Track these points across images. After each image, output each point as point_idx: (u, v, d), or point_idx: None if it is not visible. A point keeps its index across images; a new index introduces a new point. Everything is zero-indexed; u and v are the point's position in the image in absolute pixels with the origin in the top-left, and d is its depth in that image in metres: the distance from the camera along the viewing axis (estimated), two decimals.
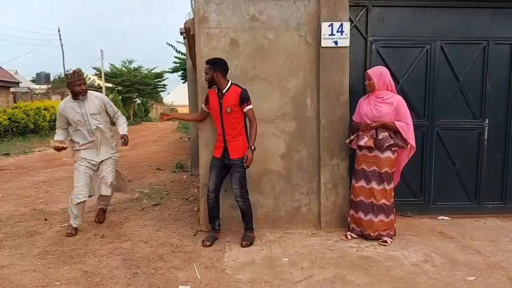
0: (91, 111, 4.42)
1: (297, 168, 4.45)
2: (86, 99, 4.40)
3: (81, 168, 4.50)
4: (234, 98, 3.90)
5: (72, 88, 4.30)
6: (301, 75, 4.37)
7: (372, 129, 4.00)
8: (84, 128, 4.41)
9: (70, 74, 4.37)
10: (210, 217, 4.15)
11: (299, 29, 4.33)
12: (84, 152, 4.51)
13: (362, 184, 4.11)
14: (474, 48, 4.77)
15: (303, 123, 4.40)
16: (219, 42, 4.27)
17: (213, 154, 4.10)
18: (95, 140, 4.48)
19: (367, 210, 4.09)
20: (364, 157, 4.08)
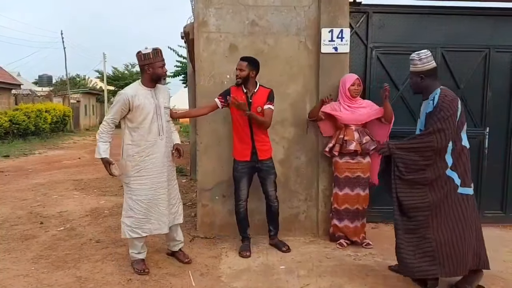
0: (165, 103, 3.53)
1: (296, 174, 4.41)
2: (157, 87, 3.54)
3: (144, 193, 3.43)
4: (263, 98, 3.83)
5: (154, 71, 3.37)
6: (300, 81, 4.34)
7: (356, 134, 4.00)
8: (155, 124, 3.41)
9: (152, 53, 3.36)
10: (243, 227, 4.01)
11: (299, 34, 4.31)
12: (150, 162, 3.41)
13: (346, 192, 4.09)
14: (475, 56, 4.74)
15: (302, 129, 4.36)
16: (218, 46, 4.25)
17: (238, 159, 3.87)
18: (164, 141, 3.48)
19: (353, 218, 4.11)
20: (347, 165, 4.07)
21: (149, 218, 3.42)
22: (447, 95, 3.02)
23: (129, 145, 3.40)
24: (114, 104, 3.43)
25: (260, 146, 3.86)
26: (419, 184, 3.01)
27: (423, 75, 3.14)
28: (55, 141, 17.59)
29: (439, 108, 2.97)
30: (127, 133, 3.43)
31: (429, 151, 2.98)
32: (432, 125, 2.97)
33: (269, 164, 3.95)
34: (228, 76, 4.26)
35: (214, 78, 4.25)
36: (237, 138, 3.89)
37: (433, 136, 2.95)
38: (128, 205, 3.44)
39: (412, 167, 3.00)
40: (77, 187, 7.44)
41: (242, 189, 3.92)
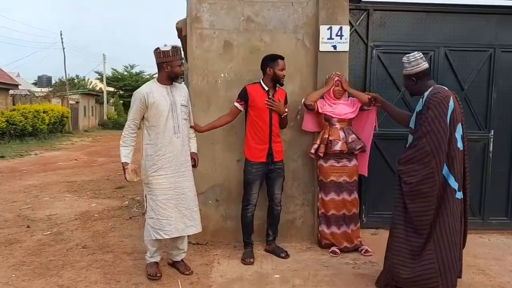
0: (181, 100, 3.39)
1: (293, 178, 4.22)
2: (174, 85, 3.41)
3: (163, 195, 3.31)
4: (282, 98, 3.81)
5: (172, 69, 3.25)
6: (298, 80, 4.16)
7: (342, 133, 3.85)
8: (170, 122, 3.28)
9: (172, 50, 3.23)
10: (248, 232, 3.85)
11: (297, 32, 4.13)
12: (166, 160, 3.30)
13: (332, 197, 3.92)
14: (480, 55, 4.56)
15: (299, 131, 4.17)
16: (212, 43, 4.07)
17: (253, 160, 3.71)
18: (180, 140, 3.34)
19: (339, 223, 3.94)
20: (332, 169, 3.89)
21: (169, 220, 3.27)
22: (437, 93, 2.90)
23: (148, 144, 3.32)
24: (132, 104, 3.33)
25: (276, 147, 3.77)
26: (426, 194, 2.86)
27: (414, 78, 3.05)
28: (53, 142, 17.41)
29: (427, 107, 2.88)
30: (145, 133, 3.35)
31: (425, 156, 2.86)
32: (421, 128, 2.89)
33: (281, 166, 3.85)
34: (223, 74, 4.08)
35: (207, 77, 4.07)
36: (254, 139, 3.74)
37: (424, 139, 2.87)
38: (149, 206, 3.33)
39: (416, 177, 2.87)
40: (69, 189, 7.26)
41: (254, 193, 3.77)
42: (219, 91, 4.11)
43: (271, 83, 3.73)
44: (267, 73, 3.70)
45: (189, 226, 3.36)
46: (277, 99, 3.73)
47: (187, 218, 3.35)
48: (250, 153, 3.75)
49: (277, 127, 3.79)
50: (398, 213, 2.99)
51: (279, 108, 3.72)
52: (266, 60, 3.71)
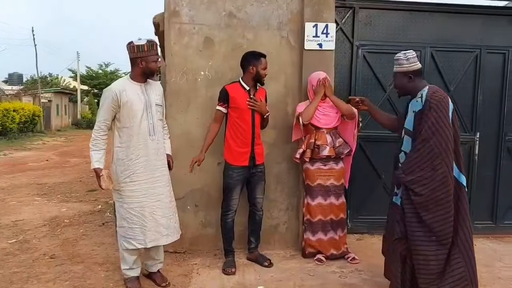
0: (156, 99, 3.15)
1: (276, 181, 4.03)
2: (148, 83, 3.16)
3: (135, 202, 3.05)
4: (263, 97, 3.63)
5: (147, 65, 2.99)
6: (282, 79, 3.97)
7: (329, 137, 3.66)
8: (144, 123, 3.04)
9: (147, 45, 2.97)
10: (229, 239, 3.63)
11: (281, 29, 3.94)
12: (140, 165, 3.04)
13: (319, 202, 3.73)
14: (466, 56, 4.47)
15: (283, 133, 3.98)
16: (191, 39, 3.83)
17: (234, 164, 3.51)
18: (156, 142, 3.11)
19: (326, 229, 3.75)
20: (319, 172, 3.71)
21: (143, 228, 3.03)
22: (436, 92, 2.75)
23: (119, 147, 3.05)
24: (102, 103, 3.04)
25: (258, 150, 3.58)
26: (443, 200, 2.66)
27: (411, 75, 2.88)
28: (23, 142, 16.75)
29: (428, 106, 2.69)
30: (116, 135, 3.07)
31: (435, 159, 2.65)
32: (425, 128, 2.67)
33: (262, 169, 3.67)
34: (203, 72, 3.85)
35: (186, 75, 3.84)
36: (236, 142, 3.52)
37: (431, 141, 2.65)
38: (120, 215, 3.08)
39: (430, 185, 2.65)
40: (39, 192, 6.89)
41: (234, 198, 3.56)
42: (199, 90, 3.88)
43: (252, 82, 3.52)
44: (249, 71, 3.49)
45: (165, 235, 3.12)
46: (258, 99, 3.53)
47: (163, 227, 3.11)
48: (231, 157, 3.54)
49: (259, 128, 3.61)
50: (415, 228, 2.70)
51: (262, 108, 3.53)
52: (249, 57, 3.50)
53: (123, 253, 3.12)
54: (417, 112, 2.80)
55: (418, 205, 2.68)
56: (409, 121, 2.90)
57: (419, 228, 2.70)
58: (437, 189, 2.65)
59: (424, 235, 2.67)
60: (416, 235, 2.69)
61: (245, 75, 3.53)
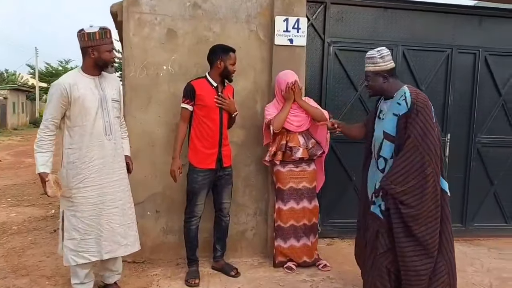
0: (113, 94, 2.85)
1: (244, 184, 3.78)
2: (103, 76, 2.85)
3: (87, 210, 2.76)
4: (230, 94, 3.38)
5: (99, 55, 2.69)
6: (251, 76, 3.73)
7: (301, 138, 3.46)
8: (99, 121, 2.74)
9: (99, 32, 2.66)
10: (193, 248, 3.35)
11: (250, 22, 3.70)
12: (95, 169, 2.75)
13: (292, 206, 3.51)
14: (437, 56, 4.39)
15: (252, 132, 3.75)
16: (153, 31, 3.54)
17: (200, 166, 3.23)
18: (113, 142, 2.81)
19: (299, 235, 3.53)
20: (291, 174, 3.49)
21: (98, 239, 2.74)
22: (419, 94, 2.59)
23: (70, 149, 2.72)
24: (49, 100, 2.70)
25: (225, 151, 3.34)
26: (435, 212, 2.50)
27: (387, 75, 2.69)
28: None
29: (416, 110, 2.50)
30: (66, 135, 2.74)
31: (425, 168, 2.47)
32: (415, 136, 2.47)
33: (230, 172, 3.42)
34: (165, 67, 3.57)
35: (147, 69, 3.53)
36: (202, 142, 3.24)
37: (420, 148, 2.47)
38: (71, 225, 2.73)
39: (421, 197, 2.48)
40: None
41: (199, 203, 3.28)
42: (160, 85, 3.58)
43: (219, 78, 3.27)
44: (216, 67, 3.24)
45: (124, 245, 2.84)
46: (226, 96, 3.28)
47: (121, 236, 2.82)
48: (196, 159, 3.26)
49: (226, 128, 3.36)
50: (404, 244, 2.51)
51: (231, 106, 3.28)
52: (217, 51, 3.25)
53: (75, 267, 2.80)
54: (401, 116, 2.58)
55: (409, 218, 2.49)
56: (389, 125, 2.67)
57: (409, 243, 2.52)
58: (428, 200, 2.48)
59: (414, 249, 2.51)
60: (406, 250, 2.51)
61: (212, 70, 3.28)
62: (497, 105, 4.53)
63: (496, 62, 4.48)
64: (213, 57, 3.24)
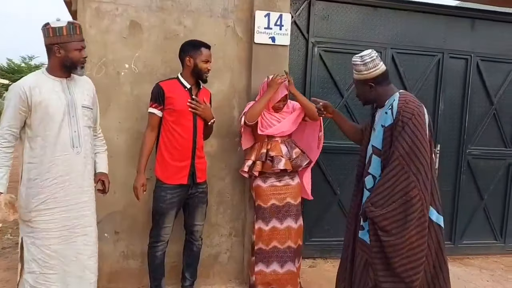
0: (84, 100, 2.40)
1: (218, 201, 3.33)
2: (73, 78, 2.40)
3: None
4: (207, 99, 2.93)
5: (67, 54, 2.26)
6: (227, 77, 3.29)
7: (284, 147, 3.03)
8: (65, 131, 2.29)
9: (67, 27, 2.24)
10: (158, 276, 2.88)
11: (226, 17, 3.26)
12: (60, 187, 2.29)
13: (274, 225, 3.07)
14: (428, 60, 4.07)
15: (228, 141, 3.31)
16: (113, 23, 3.04)
17: (169, 182, 2.77)
18: (82, 156, 2.35)
19: (283, 259, 3.08)
20: (273, 190, 3.05)
21: (63, 274, 2.31)
22: (409, 103, 2.19)
23: (30, 164, 2.27)
24: (7, 104, 2.26)
25: (199, 165, 2.87)
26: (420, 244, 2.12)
27: (372, 83, 2.31)
28: None
29: (401, 122, 2.14)
30: (27, 146, 2.29)
31: (410, 190, 2.09)
32: (400, 153, 2.11)
33: (204, 188, 2.96)
34: (127, 65, 3.08)
35: (106, 67, 3.04)
36: (172, 154, 2.76)
37: (406, 168, 2.10)
38: (30, 254, 2.28)
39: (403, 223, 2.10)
40: None
41: (167, 226, 2.81)
42: (122, 86, 3.09)
43: (193, 79, 2.81)
44: (186, 65, 2.78)
45: (93, 282, 2.42)
46: (202, 100, 2.83)
47: (90, 271, 2.39)
48: (165, 173, 2.78)
49: (201, 138, 2.89)
50: (384, 279, 2.16)
51: (206, 112, 2.83)
52: (186, 47, 2.79)
53: None
54: (387, 128, 2.22)
55: (389, 248, 2.12)
56: (376, 137, 2.31)
57: (388, 278, 2.15)
58: (412, 228, 2.09)
59: (394, 287, 2.14)
60: (383, 286, 2.15)
61: (183, 70, 2.82)
62: (489, 115, 4.25)
63: (488, 68, 4.20)
64: (182, 54, 2.79)
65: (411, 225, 2.09)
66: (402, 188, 2.10)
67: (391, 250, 2.11)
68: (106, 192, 2.60)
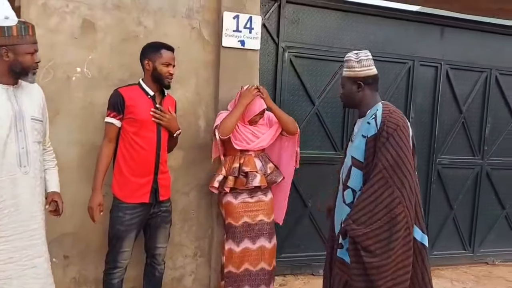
0: (33, 111, 2.08)
1: (182, 219, 3.05)
2: (21, 86, 2.08)
3: None
4: (172, 108, 2.65)
5: (17, 58, 1.96)
6: (191, 84, 3.01)
7: (258, 162, 2.81)
8: (12, 148, 1.96)
9: (18, 27, 1.94)
10: None
11: (191, 17, 2.99)
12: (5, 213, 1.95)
13: (247, 246, 2.82)
14: (398, 68, 3.97)
15: (192, 154, 3.04)
16: (63, 21, 2.69)
17: (128, 201, 2.47)
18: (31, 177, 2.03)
19: (256, 283, 2.84)
20: (245, 206, 2.81)
21: None
22: (393, 113, 2.07)
23: None
24: None
25: (163, 181, 2.59)
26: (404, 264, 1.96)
27: (361, 82, 2.18)
28: None
29: (386, 133, 2.00)
30: None
31: (395, 206, 1.94)
32: (383, 165, 1.96)
33: (168, 207, 2.67)
34: (79, 69, 2.75)
35: (54, 71, 2.69)
36: (132, 168, 2.46)
37: (390, 181, 1.95)
38: None
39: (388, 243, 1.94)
40: None
41: (125, 250, 2.50)
42: (73, 92, 2.75)
43: (154, 85, 2.53)
44: (145, 69, 2.50)
45: None
46: (167, 109, 2.55)
47: None
48: (123, 191, 2.48)
49: (165, 151, 2.61)
50: None
51: (172, 123, 2.55)
52: (145, 49, 2.52)
53: None
54: (369, 138, 2.08)
55: (372, 270, 1.96)
56: (357, 148, 2.15)
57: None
58: (397, 248, 1.94)
59: None
60: None
61: (144, 75, 2.54)
62: (458, 123, 4.21)
63: (457, 76, 4.16)
64: (142, 58, 2.52)
65: (397, 245, 1.94)
66: (387, 204, 1.94)
67: (374, 272, 1.95)
68: (60, 214, 2.27)
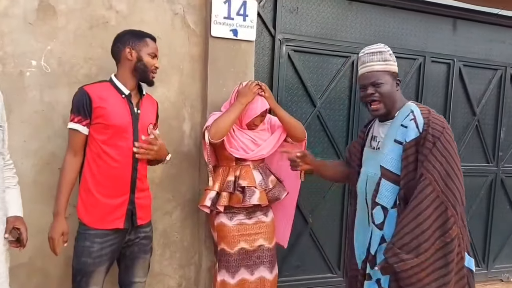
0: None
1: (164, 243, 2.57)
2: None
3: None
4: (153, 111, 2.21)
5: None
6: (174, 81, 2.54)
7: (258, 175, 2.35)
8: None
9: None
10: None
11: (173, 1, 2.52)
12: None
13: (243, 277, 2.36)
14: (408, 64, 3.56)
15: (176, 164, 2.56)
16: (15, 4, 2.19)
17: (98, 227, 1.97)
18: None
19: None
20: (242, 229, 2.34)
21: None
22: (432, 111, 1.79)
23: None
24: None
25: (141, 200, 2.10)
26: None
27: (399, 80, 1.89)
28: None
29: (431, 135, 1.67)
30: None
31: (450, 228, 1.60)
32: (430, 172, 1.63)
33: (148, 232, 2.17)
34: (35, 62, 2.24)
35: (3, 64, 2.19)
36: (102, 187, 1.98)
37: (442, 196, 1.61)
38: None
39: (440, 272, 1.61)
40: None
41: (95, 286, 2.00)
42: (27, 91, 2.25)
43: (132, 81, 2.03)
44: (125, 59, 2.00)
45: None
46: (146, 112, 2.06)
47: None
48: (92, 215, 1.98)
49: (145, 163, 2.11)
50: None
51: (160, 152, 2.07)
52: (125, 36, 2.02)
53: None
54: (409, 143, 1.71)
55: None
56: (389, 157, 1.78)
57: None
58: (453, 280, 1.61)
59: None
60: None
61: (120, 69, 2.03)
62: (471, 126, 3.81)
63: (470, 74, 3.77)
64: (120, 46, 2.01)
65: (452, 276, 1.61)
66: (440, 225, 1.60)
67: None
68: (24, 245, 1.81)
